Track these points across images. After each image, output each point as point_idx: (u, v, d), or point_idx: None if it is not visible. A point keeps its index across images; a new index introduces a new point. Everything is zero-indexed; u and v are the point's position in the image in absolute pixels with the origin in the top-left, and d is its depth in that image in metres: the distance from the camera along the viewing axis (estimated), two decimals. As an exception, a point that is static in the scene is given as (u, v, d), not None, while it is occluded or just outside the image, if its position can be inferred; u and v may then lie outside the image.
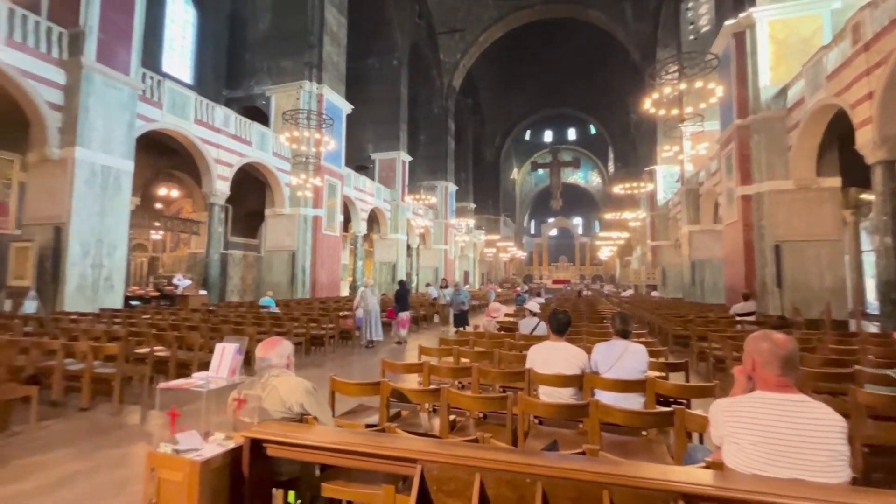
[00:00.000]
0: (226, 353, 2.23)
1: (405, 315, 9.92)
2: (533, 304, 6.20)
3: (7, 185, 12.33)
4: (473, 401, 2.93)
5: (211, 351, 5.86)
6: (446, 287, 13.11)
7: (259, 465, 2.04)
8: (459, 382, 4.21)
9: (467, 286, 29.33)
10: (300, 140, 14.11)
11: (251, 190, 16.95)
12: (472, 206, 39.52)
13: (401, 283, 10.66)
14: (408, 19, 25.91)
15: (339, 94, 18.71)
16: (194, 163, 14.03)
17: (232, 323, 7.26)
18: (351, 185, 21.00)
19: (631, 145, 33.81)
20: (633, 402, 3.18)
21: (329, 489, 2.15)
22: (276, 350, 2.33)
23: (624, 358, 3.29)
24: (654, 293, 25.01)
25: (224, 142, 14.33)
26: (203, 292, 13.27)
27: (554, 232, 55.18)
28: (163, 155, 15.01)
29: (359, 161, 24.66)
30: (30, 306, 9.11)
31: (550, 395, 3.38)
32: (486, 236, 42.13)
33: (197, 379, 2.14)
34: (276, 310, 10.41)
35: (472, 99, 37.86)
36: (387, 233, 25.28)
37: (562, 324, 3.57)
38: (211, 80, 19.50)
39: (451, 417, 3.07)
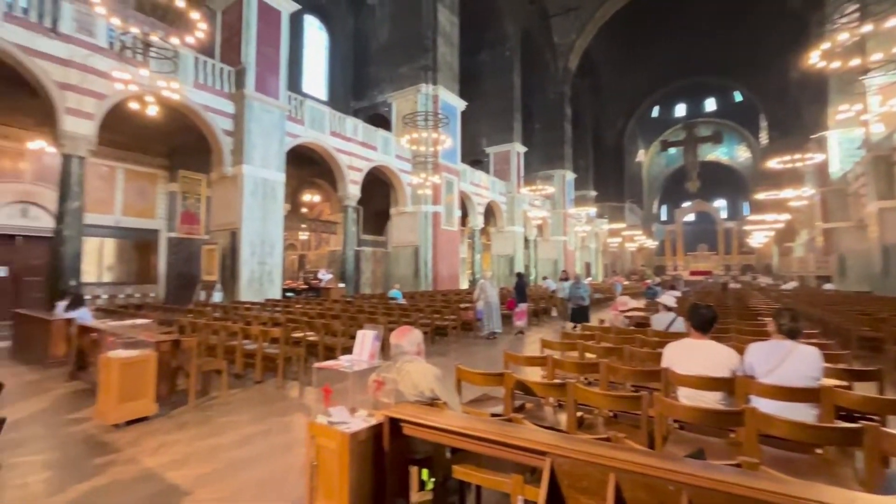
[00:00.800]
0: (366, 340, 2.47)
1: (523, 306, 9.90)
2: (668, 298, 5.63)
3: (198, 199, 15.40)
4: (604, 398, 2.79)
5: (352, 337, 6.56)
6: (566, 279, 12.34)
7: (397, 441, 2.23)
8: (585, 378, 4.04)
9: (589, 279, 27.91)
10: (419, 141, 14.87)
11: (378, 191, 18.46)
12: (593, 193, 37.30)
13: (518, 275, 10.64)
14: (518, 6, 25.43)
15: (453, 93, 19.24)
16: (331, 170, 15.79)
17: (367, 313, 8.04)
18: (467, 180, 21.49)
19: (790, 110, 28.39)
20: (802, 413, 2.69)
21: (459, 471, 2.25)
22: (408, 338, 2.51)
23: (789, 361, 2.79)
24: (827, 286, 20.70)
25: (354, 149, 15.83)
26: (341, 285, 14.91)
27: (690, 217, 49.17)
28: (305, 166, 17.18)
29: (473, 156, 25.10)
30: (217, 297, 11.27)
31: (692, 398, 3.03)
32: (609, 225, 39.41)
33: (344, 361, 2.41)
34: (403, 301, 11.21)
35: (590, 80, 35.60)
36: (503, 226, 25.31)
37: (706, 320, 3.17)
38: (341, 94, 21.68)
39: (579, 414, 2.96)
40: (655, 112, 47.50)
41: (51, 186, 11.32)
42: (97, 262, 13.57)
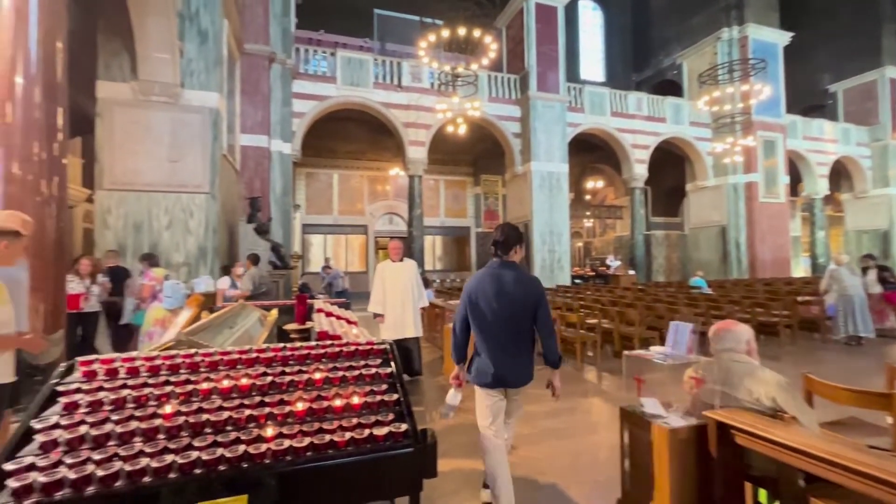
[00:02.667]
0: (680, 332, 2.27)
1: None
2: None
3: (496, 198, 17.78)
4: None
5: (649, 328, 6.16)
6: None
7: (727, 450, 1.96)
8: None
9: None
10: (720, 100, 12.39)
11: (668, 167, 16.52)
12: None
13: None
14: None
15: (770, 27, 15.06)
16: (613, 153, 15.18)
17: (665, 302, 7.34)
18: (797, 135, 16.46)
19: None
20: None
21: (823, 508, 1.77)
22: (735, 333, 2.15)
23: None
24: None
25: (639, 125, 14.68)
26: (631, 272, 14.17)
27: None
28: (587, 152, 17.12)
29: (808, 101, 18.92)
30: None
31: None
32: None
33: (655, 352, 2.29)
34: (708, 290, 9.66)
35: None
36: (866, 189, 18.08)
37: None
38: (620, 71, 20.47)
39: None
40: None
41: (403, 200, 15.50)
42: (431, 254, 17.68)
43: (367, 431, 1.47)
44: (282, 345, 1.84)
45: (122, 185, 6.52)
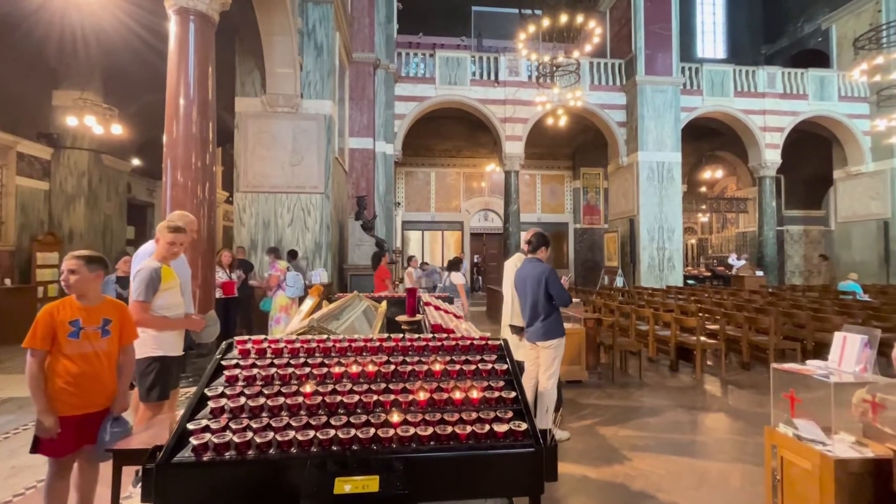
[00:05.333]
0: (848, 344, 1.90)
1: None
2: None
3: (597, 192, 16.84)
4: None
5: (786, 337, 5.36)
6: None
7: (921, 493, 1.59)
8: None
9: None
10: (885, 68, 10.22)
11: (808, 152, 14.15)
12: None
13: None
14: None
15: (960, -30, 12.07)
16: (737, 138, 13.43)
17: (807, 309, 6.29)
18: None
19: None
20: None
21: None
22: (933, 350, 1.73)
23: None
24: None
25: (770, 105, 12.78)
26: (759, 273, 12.43)
27: None
28: (703, 139, 15.37)
29: None
30: (619, 281, 11.96)
31: None
32: None
33: (815, 367, 1.95)
34: (865, 297, 8.08)
35: None
36: None
37: None
38: (747, 45, 18.02)
39: None
40: None
41: (499, 196, 15.42)
42: (527, 251, 17.34)
43: (487, 427, 1.46)
44: (401, 335, 1.91)
45: (253, 187, 7.42)
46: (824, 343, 4.98)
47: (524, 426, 1.49)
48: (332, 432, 1.36)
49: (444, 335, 1.96)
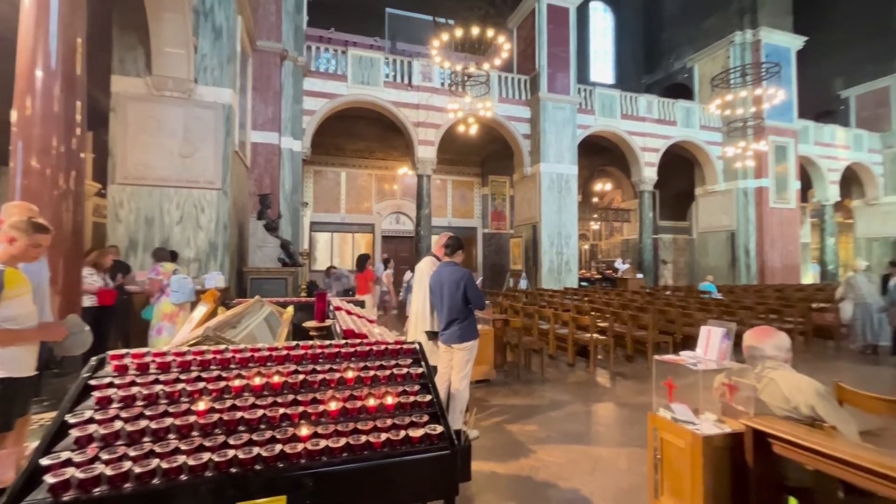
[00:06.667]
0: (712, 336, 2.22)
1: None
2: None
3: (503, 199, 17.72)
4: None
5: (661, 332, 6.10)
6: None
7: (763, 460, 1.91)
8: None
9: None
10: (732, 104, 12.28)
11: (677, 171, 16.41)
12: None
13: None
14: None
15: (783, 31, 14.96)
16: (622, 156, 15.10)
17: (676, 307, 7.27)
18: (809, 140, 16.34)
19: None
20: None
21: (865, 521, 1.71)
22: (773, 341, 2.10)
23: None
24: None
25: (649, 129, 14.59)
26: (639, 276, 14.07)
27: None
28: (595, 154, 17.03)
29: (820, 107, 18.76)
30: (523, 284, 12.69)
31: None
32: None
33: (687, 357, 2.25)
34: (718, 296, 9.58)
35: None
36: (877, 196, 17.91)
37: None
38: (631, 73, 20.37)
39: None
40: None
41: (410, 200, 15.47)
42: (438, 254, 17.61)
43: (402, 433, 1.43)
44: (310, 342, 1.81)
45: (134, 179, 6.52)
46: (691, 336, 5.77)
47: (440, 429, 1.49)
48: (231, 453, 1.23)
49: (357, 341, 1.90)
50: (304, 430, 1.37)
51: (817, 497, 1.92)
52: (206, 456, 1.20)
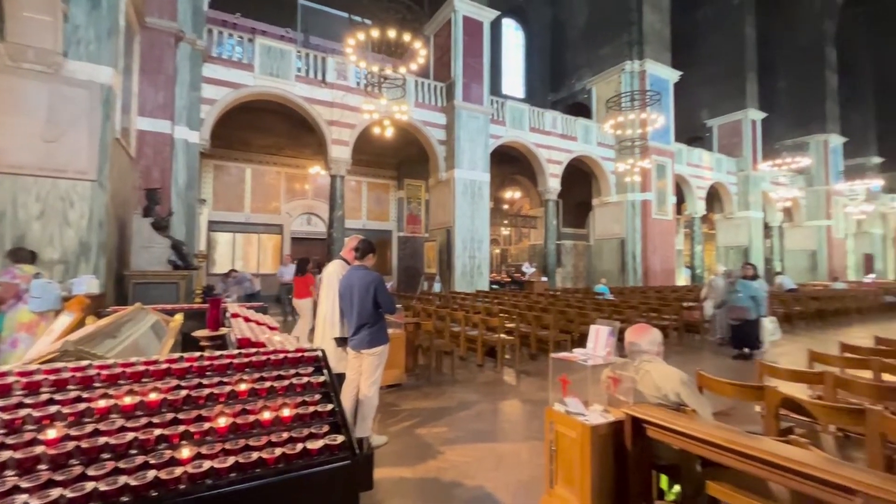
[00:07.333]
0: (600, 335, 2.44)
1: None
2: None
3: (419, 203, 17.85)
4: (935, 437, 2.06)
5: (562, 331, 6.56)
6: (753, 277, 7.20)
7: (640, 442, 2.14)
8: (885, 407, 3.06)
9: (871, 276, 20.79)
10: (623, 125, 13.73)
11: (578, 182, 17.88)
12: (876, 160, 27.58)
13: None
14: (751, -59, 20.75)
15: (663, 64, 17.09)
16: (530, 166, 16.08)
17: (575, 308, 7.91)
18: (683, 161, 18.84)
19: None
20: None
21: (716, 489, 2.00)
22: (647, 337, 2.37)
23: None
24: None
25: (554, 142, 15.72)
26: (544, 279, 15.06)
27: None
28: (506, 163, 17.92)
29: (691, 133, 21.76)
30: (436, 287, 12.87)
31: None
32: (907, 202, 28.45)
33: (579, 354, 2.44)
34: (610, 297, 10.60)
35: (869, 6, 26.34)
36: (733, 211, 21.19)
37: None
38: (538, 89, 21.79)
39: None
40: None
41: (323, 200, 14.91)
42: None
43: (299, 446, 1.36)
44: (198, 353, 1.65)
45: (-23, 164, 5.43)
46: (587, 334, 6.29)
47: (340, 439, 1.45)
48: (91, 486, 1.07)
49: (253, 350, 1.77)
50: (186, 452, 1.24)
51: (682, 472, 2.21)
52: (55, 492, 1.03)
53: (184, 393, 1.42)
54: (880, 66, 27.65)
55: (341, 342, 3.48)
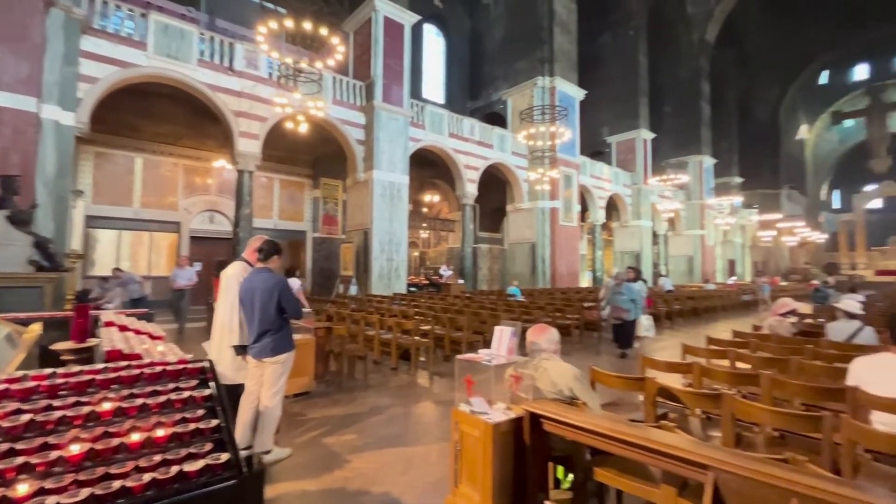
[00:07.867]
0: (504, 335, 2.55)
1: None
2: (850, 303, 4.67)
3: (336, 203, 17.28)
4: (770, 415, 2.45)
5: (475, 332, 6.75)
6: (635, 280, 8.06)
7: (537, 436, 2.27)
8: (738, 391, 3.60)
9: (733, 278, 24.38)
10: (536, 136, 14.60)
11: (494, 189, 18.62)
12: (738, 180, 32.50)
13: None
14: (644, -20, 23.31)
15: (571, 83, 18.48)
16: (449, 170, 16.39)
17: (488, 309, 8.20)
18: (587, 173, 20.49)
19: None
20: None
21: (602, 475, 2.19)
22: (546, 336, 2.52)
23: None
24: None
25: (471, 149, 16.20)
26: (461, 281, 15.41)
27: (876, 204, 39.53)
28: (425, 167, 18.06)
29: (594, 147, 23.78)
30: (353, 290, 12.56)
31: (891, 425, 2.50)
32: (761, 216, 33.88)
33: (483, 355, 2.52)
34: (521, 298, 11.17)
35: (735, 50, 31.00)
36: (627, 220, 23.52)
37: (914, 331, 2.59)
38: (458, 96, 22.33)
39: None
40: (823, 78, 39.24)
41: (229, 197, 13.81)
42: (261, 259, 16.08)
43: (174, 469, 1.23)
44: (50, 370, 1.42)
45: None
46: (497, 334, 6.55)
47: (225, 457, 1.33)
48: None
49: (124, 363, 1.57)
50: (23, 489, 1.05)
51: (574, 460, 2.38)
52: None
53: (25, 418, 1.21)
54: (743, 100, 32.90)
55: (240, 350, 3.23)
